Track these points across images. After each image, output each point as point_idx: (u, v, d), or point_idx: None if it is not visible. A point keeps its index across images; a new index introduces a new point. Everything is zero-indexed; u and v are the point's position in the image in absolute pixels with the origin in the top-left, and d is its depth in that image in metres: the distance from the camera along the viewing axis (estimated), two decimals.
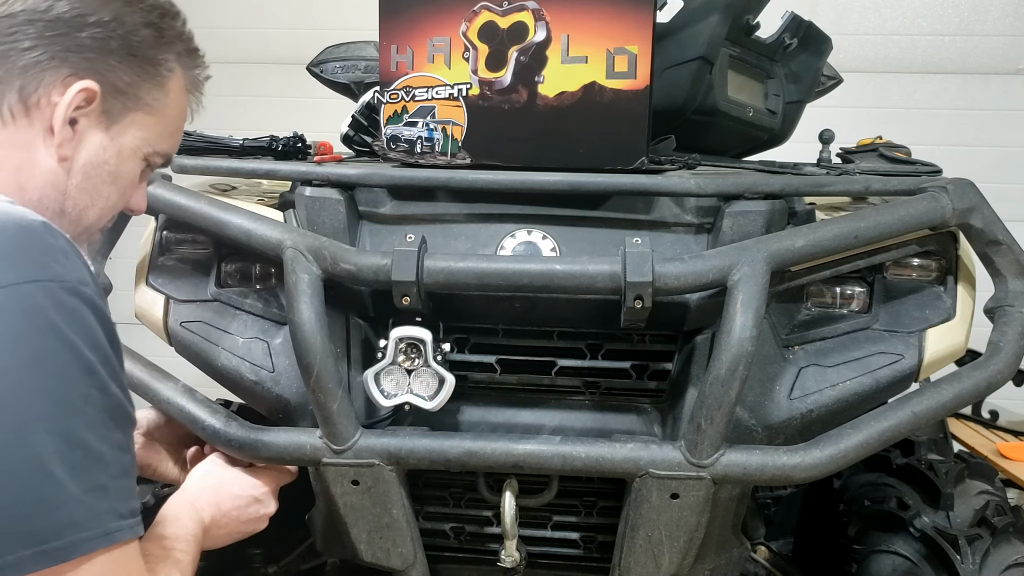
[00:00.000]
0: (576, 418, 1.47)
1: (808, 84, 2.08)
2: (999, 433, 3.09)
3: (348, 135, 1.75)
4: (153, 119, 0.99)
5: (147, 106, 0.98)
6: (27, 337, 0.78)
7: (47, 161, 0.92)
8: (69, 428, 0.79)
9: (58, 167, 0.92)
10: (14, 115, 0.90)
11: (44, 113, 0.91)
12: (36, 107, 0.91)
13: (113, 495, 0.83)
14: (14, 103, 0.90)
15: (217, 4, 4.20)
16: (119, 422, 0.85)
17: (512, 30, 1.42)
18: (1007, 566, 1.55)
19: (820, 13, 3.71)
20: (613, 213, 1.44)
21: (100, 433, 0.82)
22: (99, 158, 0.95)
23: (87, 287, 0.83)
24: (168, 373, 1.42)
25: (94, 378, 0.82)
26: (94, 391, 0.82)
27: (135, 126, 0.98)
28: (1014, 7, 3.93)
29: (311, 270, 1.31)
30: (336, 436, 1.32)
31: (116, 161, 0.97)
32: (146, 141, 1.00)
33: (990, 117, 3.95)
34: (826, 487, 1.93)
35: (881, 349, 1.42)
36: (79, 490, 0.79)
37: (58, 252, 0.83)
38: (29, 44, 0.90)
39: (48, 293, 0.80)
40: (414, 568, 1.47)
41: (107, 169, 0.96)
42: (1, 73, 0.90)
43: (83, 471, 0.80)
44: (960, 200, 1.34)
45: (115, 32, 0.94)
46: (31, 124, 0.91)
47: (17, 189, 0.91)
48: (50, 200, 0.93)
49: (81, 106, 0.92)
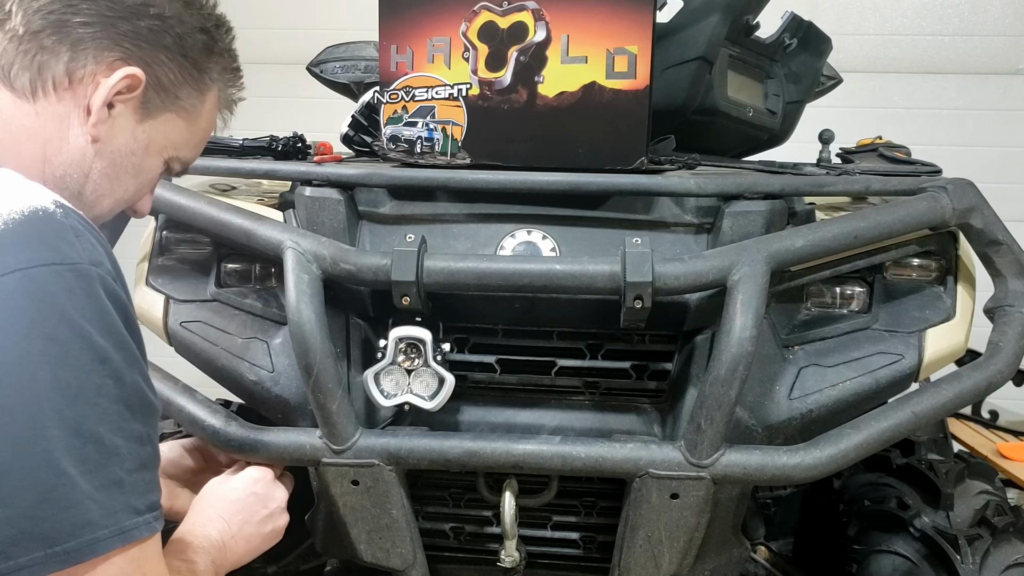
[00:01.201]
0: (576, 418, 1.47)
1: (808, 84, 2.08)
2: (999, 433, 3.09)
3: (348, 135, 1.75)
4: (184, 123, 1.00)
5: (183, 109, 0.98)
6: (36, 326, 0.75)
7: (78, 140, 0.91)
8: (80, 421, 0.77)
9: (87, 147, 0.91)
10: (56, 86, 0.89)
11: (85, 90, 0.90)
12: (79, 83, 0.90)
13: (130, 490, 0.80)
14: (59, 74, 0.89)
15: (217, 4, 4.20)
16: (137, 411, 0.82)
17: (512, 30, 1.42)
18: (1007, 566, 1.54)
19: (820, 13, 3.72)
20: (613, 213, 1.44)
21: (115, 424, 0.79)
22: (128, 147, 0.94)
23: (100, 267, 0.81)
24: (168, 373, 1.42)
25: (107, 366, 0.79)
26: (108, 380, 0.79)
27: (167, 125, 0.98)
28: (1014, 7, 3.93)
29: (311, 270, 1.31)
30: (336, 436, 1.32)
31: (143, 154, 0.96)
32: (173, 143, 1.00)
33: (990, 117, 3.95)
34: (826, 487, 1.92)
35: (881, 349, 1.42)
36: (92, 487, 0.77)
37: (69, 232, 0.80)
38: (87, 19, 0.89)
39: (58, 277, 0.77)
40: (414, 568, 1.47)
41: (133, 160, 0.96)
42: (52, 42, 0.88)
43: (96, 467, 0.77)
44: (960, 200, 1.34)
45: (172, 29, 0.95)
46: (71, 98, 0.90)
47: (41, 161, 0.89)
48: (72, 180, 0.92)
49: (122, 92, 0.91)
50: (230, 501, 1.24)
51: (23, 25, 0.88)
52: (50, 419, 0.75)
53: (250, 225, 1.37)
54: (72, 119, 0.90)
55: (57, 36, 0.89)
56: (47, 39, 0.88)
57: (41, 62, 0.88)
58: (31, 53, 0.88)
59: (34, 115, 0.89)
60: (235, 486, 1.27)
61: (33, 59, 0.88)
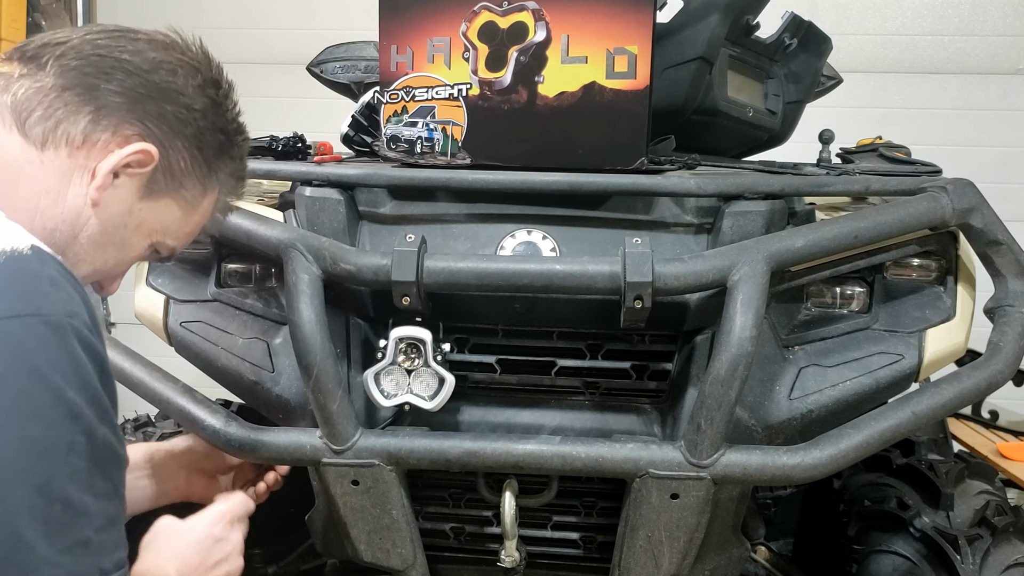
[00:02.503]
0: (576, 418, 1.47)
1: (808, 84, 2.08)
2: (999, 433, 3.09)
3: (348, 135, 1.75)
4: (181, 213, 1.01)
5: (183, 199, 0.99)
6: (6, 380, 0.74)
7: (76, 199, 0.91)
8: (48, 480, 0.75)
9: (84, 208, 0.91)
10: (69, 143, 0.90)
11: (97, 154, 0.90)
12: (92, 146, 0.90)
13: (96, 549, 0.78)
14: (75, 133, 0.89)
15: (217, 4, 4.20)
16: (107, 467, 0.81)
17: (512, 30, 1.42)
18: (1007, 566, 1.54)
19: (820, 13, 3.71)
20: (613, 213, 1.44)
21: (84, 482, 0.78)
22: (122, 220, 0.95)
23: (75, 319, 0.79)
24: (168, 373, 1.42)
25: (79, 422, 0.77)
26: (79, 437, 0.77)
27: (164, 210, 0.98)
28: (1014, 7, 3.93)
29: (311, 270, 1.31)
30: (336, 436, 1.32)
31: (133, 231, 0.97)
32: (164, 229, 1.00)
33: (990, 117, 3.95)
34: (826, 487, 1.92)
35: (881, 349, 1.42)
36: (55, 551, 0.74)
37: (45, 281, 0.79)
38: (118, 89, 0.91)
39: (30, 330, 0.75)
40: (414, 568, 1.47)
41: (123, 234, 0.96)
42: (77, 102, 0.89)
43: (62, 528, 0.75)
44: (960, 200, 1.34)
45: (196, 121, 0.96)
46: (80, 158, 0.90)
47: (34, 209, 0.89)
48: (60, 235, 0.91)
49: (132, 164, 0.92)
50: (189, 542, 1.18)
51: (54, 77, 0.89)
52: (18, 477, 0.73)
53: (250, 225, 1.37)
54: (75, 177, 0.90)
55: (84, 98, 0.90)
56: (73, 97, 0.89)
57: (60, 117, 0.89)
58: (54, 107, 0.89)
59: (39, 163, 0.89)
60: (194, 526, 1.21)
61: (54, 112, 0.89)
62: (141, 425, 2.04)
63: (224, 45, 4.68)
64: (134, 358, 1.43)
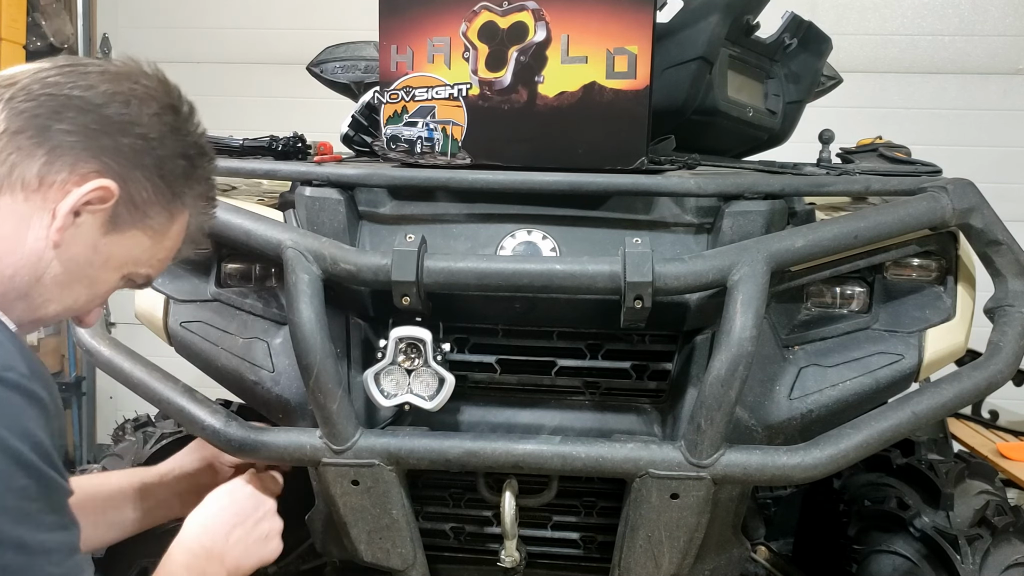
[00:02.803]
0: (576, 418, 1.47)
1: (808, 84, 2.08)
2: (999, 433, 3.09)
3: (348, 135, 1.75)
4: (150, 242, 1.00)
5: (150, 228, 0.98)
6: None
7: (36, 242, 0.90)
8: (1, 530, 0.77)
9: (46, 251, 0.90)
10: (24, 187, 0.89)
11: (54, 195, 0.89)
12: (49, 187, 0.89)
13: None
14: (30, 176, 0.89)
15: (217, 4, 4.20)
16: (56, 501, 0.83)
17: (512, 30, 1.42)
18: (1007, 566, 1.54)
19: (820, 13, 3.71)
20: (613, 213, 1.44)
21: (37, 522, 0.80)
22: (87, 258, 0.94)
23: (11, 372, 0.81)
24: (168, 373, 1.42)
25: (27, 469, 0.80)
26: (28, 482, 0.80)
27: (132, 241, 0.97)
28: (1014, 7, 3.93)
29: (311, 270, 1.31)
30: (336, 436, 1.32)
31: (101, 267, 0.96)
32: (135, 260, 0.99)
33: (990, 117, 3.95)
34: (826, 487, 1.92)
35: (881, 349, 1.42)
36: None
37: None
38: (70, 128, 0.90)
39: None
40: (414, 568, 1.47)
41: (89, 272, 0.95)
42: (30, 144, 0.88)
43: (22, 571, 0.78)
44: (960, 200, 1.34)
45: (154, 151, 0.95)
46: (38, 200, 0.89)
47: None
48: (20, 280, 0.90)
49: (92, 202, 0.91)
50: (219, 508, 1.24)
51: (5, 122, 0.88)
52: None
53: (250, 225, 1.37)
54: (34, 221, 0.90)
55: (37, 140, 0.89)
56: (25, 141, 0.88)
57: (14, 162, 0.88)
58: (6, 152, 0.88)
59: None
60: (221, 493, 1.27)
61: (7, 158, 0.88)
62: (141, 425, 2.03)
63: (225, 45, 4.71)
64: (134, 358, 1.43)
